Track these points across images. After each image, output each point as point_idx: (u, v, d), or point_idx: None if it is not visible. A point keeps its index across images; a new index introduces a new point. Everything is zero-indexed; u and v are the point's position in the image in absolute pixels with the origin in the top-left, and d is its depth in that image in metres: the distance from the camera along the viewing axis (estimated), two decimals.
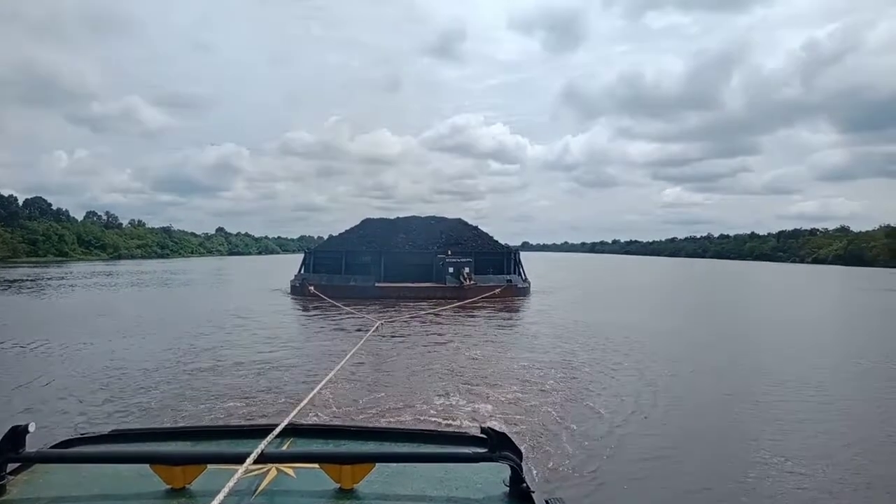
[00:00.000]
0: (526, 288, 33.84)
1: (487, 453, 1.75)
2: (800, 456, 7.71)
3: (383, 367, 12.76)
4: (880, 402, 10.77)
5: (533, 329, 20.09)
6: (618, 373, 13.03)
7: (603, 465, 7.29)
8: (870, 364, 14.35)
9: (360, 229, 37.70)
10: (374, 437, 2.23)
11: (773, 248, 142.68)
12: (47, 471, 1.84)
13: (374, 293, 30.00)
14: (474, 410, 9.38)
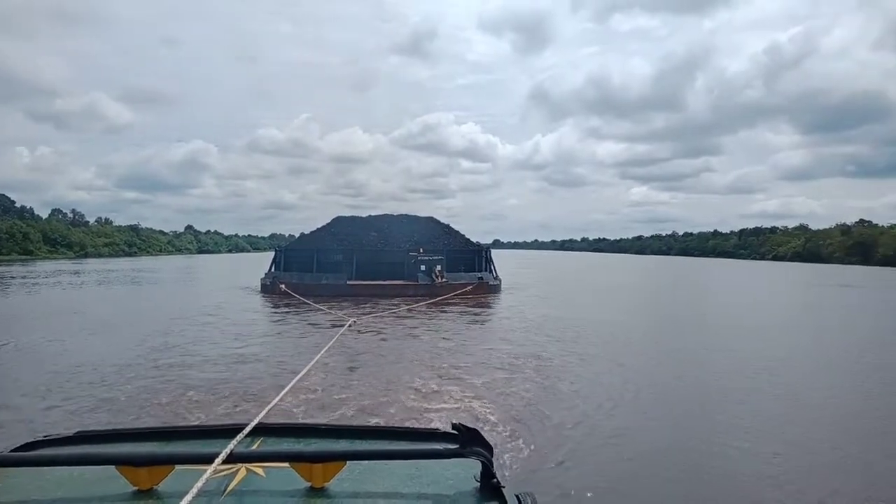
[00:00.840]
0: (497, 285, 34.15)
1: (458, 449, 1.75)
2: (760, 439, 8.05)
3: (355, 365, 12.69)
4: (826, 374, 11.35)
5: (504, 324, 20.39)
6: (587, 364, 13.39)
7: (573, 456, 7.45)
8: (811, 346, 15.07)
9: (332, 227, 37.46)
10: (345, 436, 2.22)
11: (734, 246, 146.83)
12: (9, 475, 1.79)
13: (346, 291, 29.89)
14: (446, 406, 9.44)
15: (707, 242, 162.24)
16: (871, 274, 63.42)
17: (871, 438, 8.56)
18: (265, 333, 17.91)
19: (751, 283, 51.20)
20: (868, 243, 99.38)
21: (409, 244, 34.22)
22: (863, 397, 10.95)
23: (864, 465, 7.45)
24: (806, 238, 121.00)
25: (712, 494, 6.57)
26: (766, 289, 44.09)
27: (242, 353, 14.09)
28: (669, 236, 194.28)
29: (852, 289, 41.86)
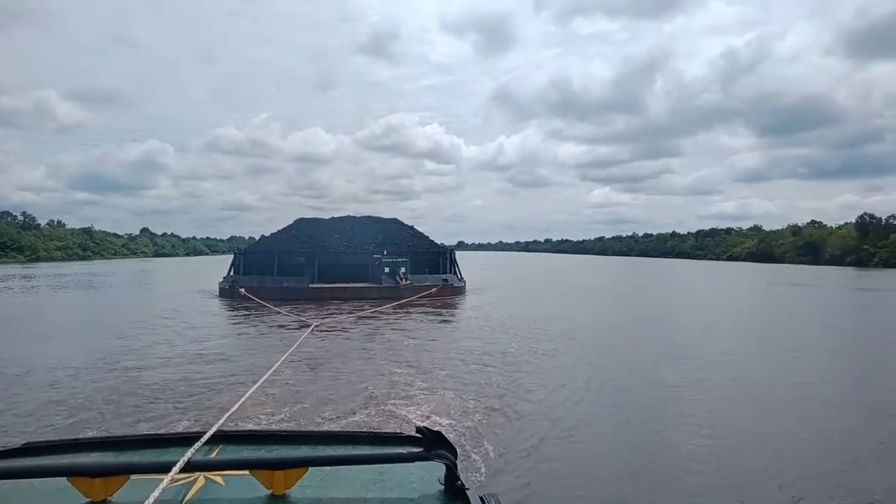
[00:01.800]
0: (462, 287, 34.17)
1: (422, 452, 1.73)
2: (714, 435, 8.29)
3: (318, 370, 12.51)
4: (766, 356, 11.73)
5: (468, 325, 20.47)
6: (550, 362, 13.65)
7: (537, 455, 7.52)
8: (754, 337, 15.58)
9: (293, 229, 36.84)
10: (307, 441, 2.17)
11: (691, 247, 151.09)
12: None
13: (308, 294, 29.39)
14: (411, 408, 9.40)
15: (665, 243, 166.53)
16: (818, 273, 66.16)
17: (805, 420, 9.01)
18: (224, 338, 17.46)
19: (703, 282, 52.72)
20: (817, 244, 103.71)
21: (372, 246, 33.93)
22: (801, 386, 11.44)
23: (795, 441, 7.86)
24: (759, 239, 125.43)
25: (666, 484, 6.72)
26: (717, 288, 45.46)
27: (200, 359, 13.74)
28: (630, 237, 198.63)
29: (800, 287, 43.55)
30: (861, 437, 8.50)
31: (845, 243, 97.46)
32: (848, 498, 6.37)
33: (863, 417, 9.55)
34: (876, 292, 39.57)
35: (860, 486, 6.69)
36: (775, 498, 6.36)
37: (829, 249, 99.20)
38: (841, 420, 9.36)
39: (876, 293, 38.84)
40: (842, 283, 49.25)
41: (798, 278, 54.63)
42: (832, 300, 33.36)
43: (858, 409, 10.12)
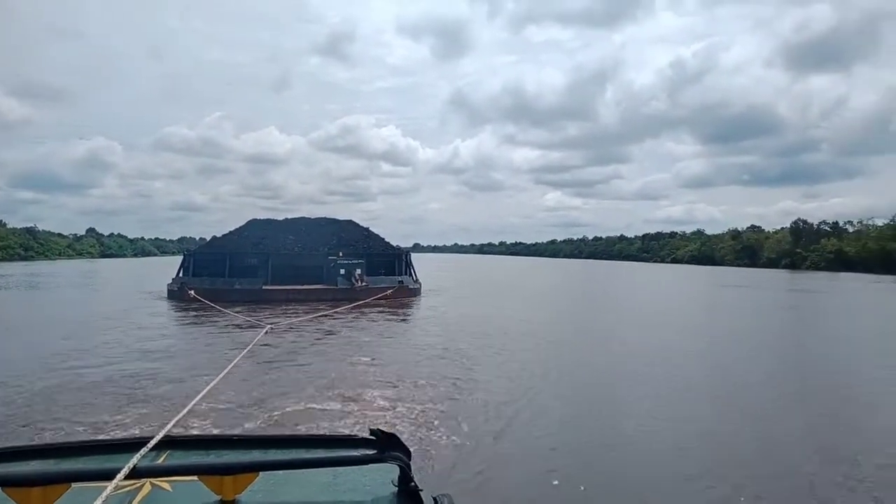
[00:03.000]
0: (417, 289, 34.33)
1: (376, 455, 1.73)
2: (657, 422, 8.78)
3: (272, 373, 12.36)
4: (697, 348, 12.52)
5: (423, 327, 20.68)
6: (503, 361, 14.04)
7: (492, 453, 7.76)
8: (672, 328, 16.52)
9: (246, 230, 36.08)
10: (258, 446, 2.14)
11: (638, 250, 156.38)
12: None
13: (261, 297, 28.93)
14: (366, 410, 9.48)
15: (614, 246, 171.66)
16: (754, 275, 69.68)
17: (734, 407, 9.62)
18: (173, 341, 17.04)
19: (643, 284, 54.66)
20: (755, 247, 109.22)
21: (328, 248, 33.67)
22: (731, 378, 12.18)
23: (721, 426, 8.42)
24: (701, 242, 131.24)
25: (617, 480, 7.11)
26: (654, 288, 47.29)
27: (148, 363, 13.40)
28: (580, 240, 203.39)
29: (736, 288, 45.80)
30: (777, 420, 9.23)
31: (780, 247, 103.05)
32: (775, 478, 6.96)
33: (781, 404, 10.35)
34: (803, 293, 42.13)
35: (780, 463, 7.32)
36: (716, 485, 6.89)
37: (766, 253, 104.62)
38: (765, 408, 10.11)
39: (803, 294, 41.36)
40: (773, 284, 52.11)
41: (731, 280, 57.41)
42: (761, 300, 35.32)
43: (781, 396, 10.94)
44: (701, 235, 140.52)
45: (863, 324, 24.35)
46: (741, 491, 6.61)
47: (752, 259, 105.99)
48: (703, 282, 56.21)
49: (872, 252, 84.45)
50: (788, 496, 6.58)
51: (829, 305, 33.66)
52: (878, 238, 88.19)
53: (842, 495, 6.57)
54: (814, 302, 35.73)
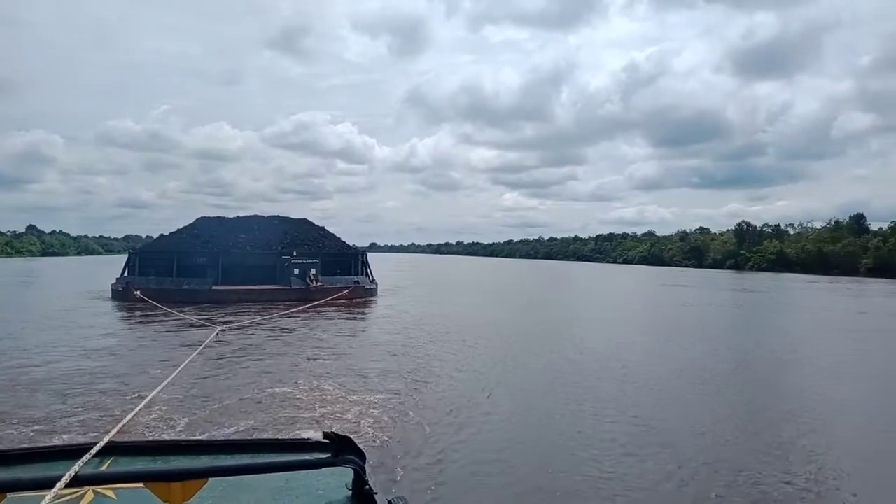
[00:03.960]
0: (374, 289, 34.03)
1: (330, 458, 1.70)
2: (609, 421, 8.95)
3: (223, 376, 12.02)
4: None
5: (379, 327, 20.55)
6: (459, 360, 14.09)
7: (447, 452, 7.75)
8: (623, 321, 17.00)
9: (194, 228, 34.96)
10: (208, 451, 2.07)
11: (591, 250, 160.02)
12: None
13: (212, 297, 28.04)
14: (320, 413, 9.34)
15: (569, 247, 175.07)
16: (698, 275, 72.31)
17: (677, 398, 9.96)
18: (118, 344, 16.31)
19: (593, 284, 56.01)
20: (702, 248, 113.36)
21: (281, 247, 32.99)
22: (675, 372, 12.60)
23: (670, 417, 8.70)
24: (651, 243, 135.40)
25: (568, 476, 7.18)
26: (603, 287, 48.52)
27: (90, 367, 12.80)
28: (536, 241, 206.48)
29: (680, 288, 47.38)
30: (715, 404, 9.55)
31: (725, 248, 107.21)
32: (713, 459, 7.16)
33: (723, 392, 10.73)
34: (740, 292, 44.01)
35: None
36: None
37: (712, 254, 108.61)
38: (701, 396, 10.45)
39: (739, 293, 43.19)
40: (713, 284, 54.25)
41: (676, 280, 59.37)
42: (699, 298, 36.63)
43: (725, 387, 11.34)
44: (651, 237, 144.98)
45: (792, 320, 25.58)
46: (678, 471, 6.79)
47: (699, 260, 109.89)
48: (650, 282, 57.93)
49: (811, 254, 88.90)
50: (710, 463, 6.81)
51: (764, 304, 35.19)
52: (815, 240, 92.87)
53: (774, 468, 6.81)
54: (748, 300, 37.34)
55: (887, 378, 13.70)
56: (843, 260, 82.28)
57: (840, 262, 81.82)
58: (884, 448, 8.60)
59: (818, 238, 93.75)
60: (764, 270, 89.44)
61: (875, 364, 15.39)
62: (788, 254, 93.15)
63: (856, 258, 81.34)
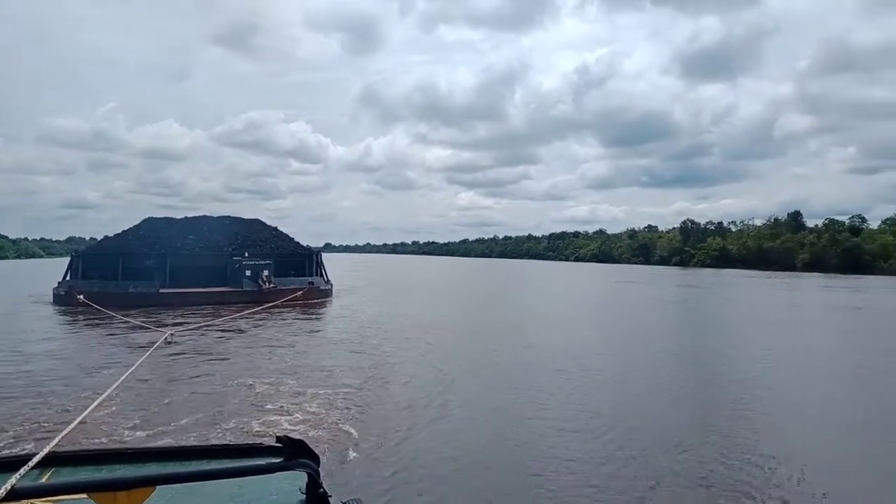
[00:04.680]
0: (328, 289, 33.83)
1: (283, 462, 1.67)
2: (556, 410, 9.34)
3: (172, 382, 11.75)
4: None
5: (334, 329, 20.51)
6: (414, 359, 14.30)
7: (402, 453, 7.86)
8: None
9: (141, 229, 33.86)
10: (155, 458, 2.02)
11: (545, 249, 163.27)
12: None
13: (159, 300, 27.29)
14: (273, 417, 9.28)
15: (523, 246, 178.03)
16: (645, 271, 74.98)
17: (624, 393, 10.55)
18: (59, 350, 15.77)
19: (544, 281, 57.30)
20: (649, 246, 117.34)
21: (232, 248, 32.37)
22: (626, 364, 13.26)
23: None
24: (601, 241, 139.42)
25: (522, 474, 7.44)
26: (553, 285, 49.80)
27: (30, 374, 12.36)
28: (491, 240, 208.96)
29: (631, 284, 49.08)
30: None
31: (671, 246, 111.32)
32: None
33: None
34: (689, 288, 45.94)
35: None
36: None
37: (659, 251, 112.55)
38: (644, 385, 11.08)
39: (689, 288, 45.09)
40: (656, 279, 56.44)
41: (623, 276, 61.38)
42: (652, 294, 38.14)
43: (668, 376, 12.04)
44: (602, 235, 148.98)
45: (732, 313, 27.00)
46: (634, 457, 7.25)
47: (647, 257, 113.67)
48: (600, 279, 59.69)
49: (751, 250, 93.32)
50: (650, 438, 7.31)
51: (706, 298, 36.91)
52: (755, 237, 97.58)
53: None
54: (692, 295, 39.09)
55: (815, 364, 14.74)
56: (781, 256, 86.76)
57: (778, 258, 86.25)
58: (816, 427, 9.38)
59: (758, 235, 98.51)
60: (707, 266, 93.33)
61: (805, 351, 16.49)
62: (730, 250, 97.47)
63: (793, 254, 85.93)
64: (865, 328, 23.38)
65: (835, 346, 18.52)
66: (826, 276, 65.86)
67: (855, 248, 78.28)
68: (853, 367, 14.85)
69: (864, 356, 16.32)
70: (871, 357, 16.04)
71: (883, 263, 73.44)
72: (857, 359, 16.06)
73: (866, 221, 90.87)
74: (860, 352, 17.25)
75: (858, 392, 12.06)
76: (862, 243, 79.61)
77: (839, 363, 15.48)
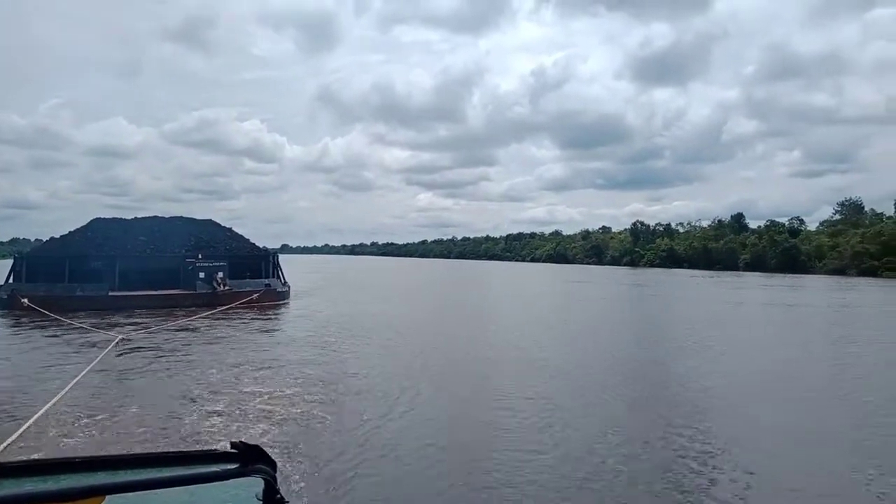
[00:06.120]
0: (286, 291, 33.62)
1: (238, 469, 1.64)
2: (518, 416, 9.85)
3: (123, 388, 11.49)
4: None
5: (291, 331, 20.60)
6: (372, 360, 14.56)
7: (360, 457, 7.86)
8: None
9: (89, 230, 32.84)
10: (103, 467, 1.87)
11: (502, 250, 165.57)
12: None
13: (109, 304, 26.58)
14: (228, 423, 9.18)
15: (480, 247, 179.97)
16: (596, 271, 77.27)
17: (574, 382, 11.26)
18: (2, 357, 15.32)
19: (504, 281, 58.47)
20: (602, 247, 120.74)
21: (184, 249, 31.77)
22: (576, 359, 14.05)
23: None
24: (557, 242, 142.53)
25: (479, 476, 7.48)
26: (507, 285, 50.95)
27: None
28: (450, 241, 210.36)
29: (584, 284, 50.66)
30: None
31: (623, 246, 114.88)
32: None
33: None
34: (637, 287, 47.79)
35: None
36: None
37: (611, 252, 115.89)
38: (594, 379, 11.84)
39: (637, 287, 46.93)
40: (615, 280, 58.32)
41: (574, 276, 63.18)
42: (603, 293, 39.60)
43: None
44: (557, 236, 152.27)
45: (676, 311, 28.47)
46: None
47: (600, 258, 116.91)
48: (554, 279, 61.25)
49: (697, 250, 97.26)
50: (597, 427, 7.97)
51: (652, 296, 38.58)
52: (701, 238, 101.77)
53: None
54: (639, 294, 40.81)
55: (743, 353, 15.88)
56: (724, 256, 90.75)
57: (722, 258, 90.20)
58: (757, 414, 10.27)
59: (704, 236, 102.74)
60: (656, 266, 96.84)
61: (746, 344, 17.68)
62: (677, 251, 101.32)
63: (735, 254, 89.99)
64: (791, 322, 25.13)
65: (760, 338, 19.83)
66: (765, 276, 69.37)
67: (792, 249, 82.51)
68: (777, 355, 16.07)
69: (788, 347, 17.65)
70: (794, 348, 17.38)
71: (818, 263, 77.71)
72: (780, 348, 17.35)
73: (804, 223, 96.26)
74: (784, 343, 18.63)
75: (781, 377, 13.31)
76: (799, 244, 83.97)
77: (762, 352, 16.67)
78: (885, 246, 68.54)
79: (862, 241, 72.39)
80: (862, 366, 15.23)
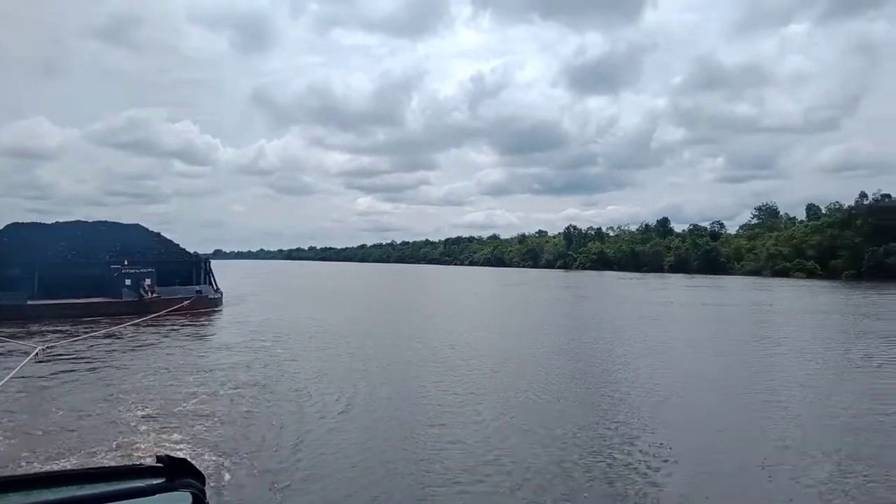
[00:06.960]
0: (218, 298, 33.06)
1: (165, 483, 1.59)
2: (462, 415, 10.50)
3: (43, 402, 11.08)
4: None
5: (222, 339, 20.46)
6: (305, 366, 14.81)
7: (292, 467, 7.79)
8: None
9: (5, 236, 31.20)
10: (18, 487, 1.71)
11: (441, 254, 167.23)
12: None
13: (27, 313, 25.41)
14: (155, 437, 8.88)
15: (420, 251, 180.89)
16: (534, 274, 79.79)
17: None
18: None
19: (434, 285, 59.53)
20: (537, 250, 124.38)
21: (109, 255, 30.77)
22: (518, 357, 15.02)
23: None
24: (494, 246, 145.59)
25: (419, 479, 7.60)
26: (441, 289, 52.08)
27: None
28: (389, 245, 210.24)
29: (519, 286, 52.39)
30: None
31: (557, 250, 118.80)
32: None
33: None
34: (569, 289, 49.92)
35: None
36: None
37: (545, 255, 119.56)
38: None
39: (569, 289, 49.03)
40: (548, 282, 60.53)
41: (511, 280, 65.10)
42: (538, 296, 41.22)
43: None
44: (495, 240, 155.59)
45: (605, 310, 30.23)
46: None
47: (535, 261, 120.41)
48: (491, 282, 62.82)
49: (625, 253, 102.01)
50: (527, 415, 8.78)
51: (582, 297, 40.56)
52: (630, 241, 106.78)
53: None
54: (571, 295, 42.73)
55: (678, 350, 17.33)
56: (651, 258, 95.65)
57: (649, 261, 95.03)
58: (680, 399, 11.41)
59: (631, 240, 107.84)
60: (588, 269, 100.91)
61: (674, 340, 19.19)
62: (608, 254, 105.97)
63: (661, 257, 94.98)
64: (702, 318, 27.29)
65: (675, 336, 21.52)
66: (687, 277, 73.73)
67: (712, 252, 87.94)
68: (697, 351, 17.66)
69: (704, 343, 19.34)
70: (705, 341, 19.06)
71: (736, 265, 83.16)
72: (698, 344, 19.01)
73: (724, 227, 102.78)
74: (699, 339, 20.33)
75: (695, 362, 14.95)
76: (719, 247, 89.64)
77: (677, 349, 18.22)
78: (796, 248, 74.17)
79: (776, 243, 78.09)
80: (770, 357, 16.87)
